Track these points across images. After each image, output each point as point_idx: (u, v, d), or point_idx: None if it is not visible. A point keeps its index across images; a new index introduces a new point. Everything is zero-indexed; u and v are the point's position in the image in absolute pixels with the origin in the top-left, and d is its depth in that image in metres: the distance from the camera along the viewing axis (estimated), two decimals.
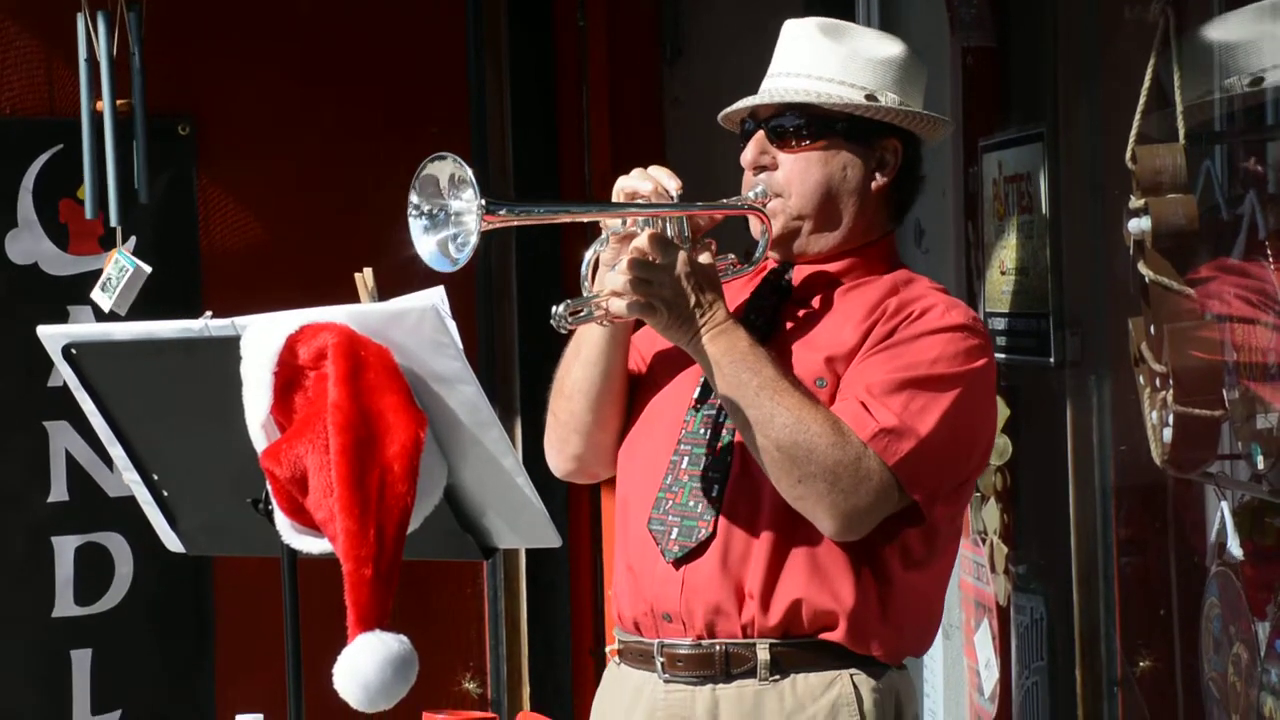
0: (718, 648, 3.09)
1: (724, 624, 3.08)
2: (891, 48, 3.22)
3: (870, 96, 3.16)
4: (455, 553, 2.92)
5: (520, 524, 2.90)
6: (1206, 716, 3.30)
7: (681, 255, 2.99)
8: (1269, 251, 3.04)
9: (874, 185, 3.20)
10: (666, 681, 3.13)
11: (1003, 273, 3.88)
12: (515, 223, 3.00)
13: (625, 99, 5.55)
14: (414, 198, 2.84)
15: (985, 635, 4.00)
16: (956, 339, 3.08)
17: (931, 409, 3.02)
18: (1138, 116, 3.28)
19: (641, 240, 2.98)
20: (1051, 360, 3.74)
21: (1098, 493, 3.69)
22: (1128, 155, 3.29)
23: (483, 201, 2.78)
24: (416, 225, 2.84)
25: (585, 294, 3.05)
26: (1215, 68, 3.25)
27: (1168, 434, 3.27)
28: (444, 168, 2.83)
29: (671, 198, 3.04)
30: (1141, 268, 3.27)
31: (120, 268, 4.81)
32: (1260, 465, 3.13)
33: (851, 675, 3.08)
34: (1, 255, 4.93)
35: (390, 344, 2.72)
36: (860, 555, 3.04)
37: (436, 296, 2.73)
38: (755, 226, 3.18)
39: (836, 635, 3.05)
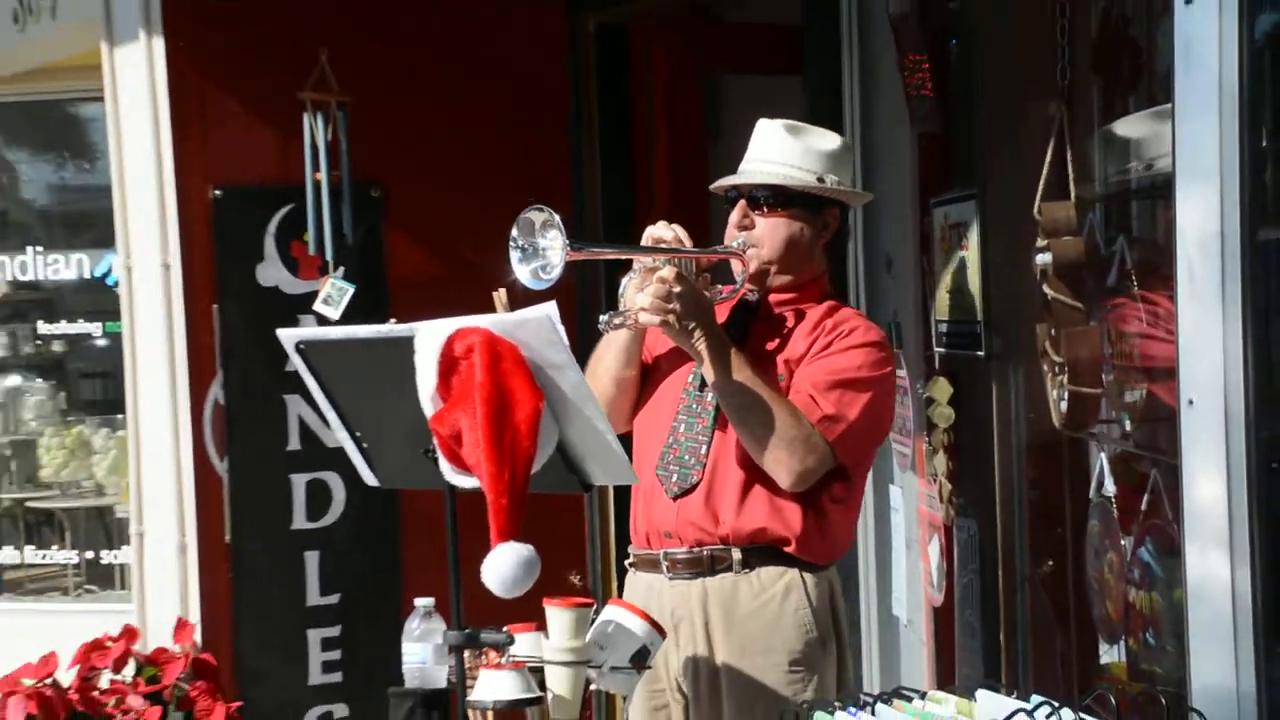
0: (704, 553, 3.16)
1: (707, 539, 3.15)
2: (833, 142, 3.25)
3: (820, 179, 3.19)
4: (564, 487, 2.93)
5: (609, 467, 2.91)
6: (1089, 604, 3.30)
7: (691, 284, 3.05)
8: (1133, 278, 3.05)
9: (820, 242, 3.25)
10: (670, 579, 3.19)
11: (948, 292, 3.86)
12: (589, 257, 3.07)
13: (682, 170, 5.50)
14: (514, 232, 2.89)
15: (935, 547, 4.00)
16: (873, 352, 3.16)
17: (856, 403, 3.10)
18: (1042, 182, 3.25)
19: (667, 273, 3.04)
20: (982, 353, 3.73)
21: (1014, 447, 3.69)
22: (1035, 209, 3.28)
23: (568, 241, 2.83)
24: (514, 255, 2.90)
25: (622, 308, 3.13)
26: (1096, 149, 3.25)
27: (1064, 405, 3.25)
28: (538, 215, 2.88)
29: (684, 244, 3.10)
30: (1046, 288, 3.24)
31: (340, 289, 4.88)
32: (1128, 428, 3.13)
33: (799, 570, 3.14)
34: (254, 280, 4.97)
35: (518, 342, 2.74)
36: (804, 497, 3.11)
37: (550, 309, 2.73)
38: (736, 267, 3.24)
39: (789, 550, 3.13)
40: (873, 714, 2.31)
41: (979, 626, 3.81)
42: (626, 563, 3.34)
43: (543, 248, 2.88)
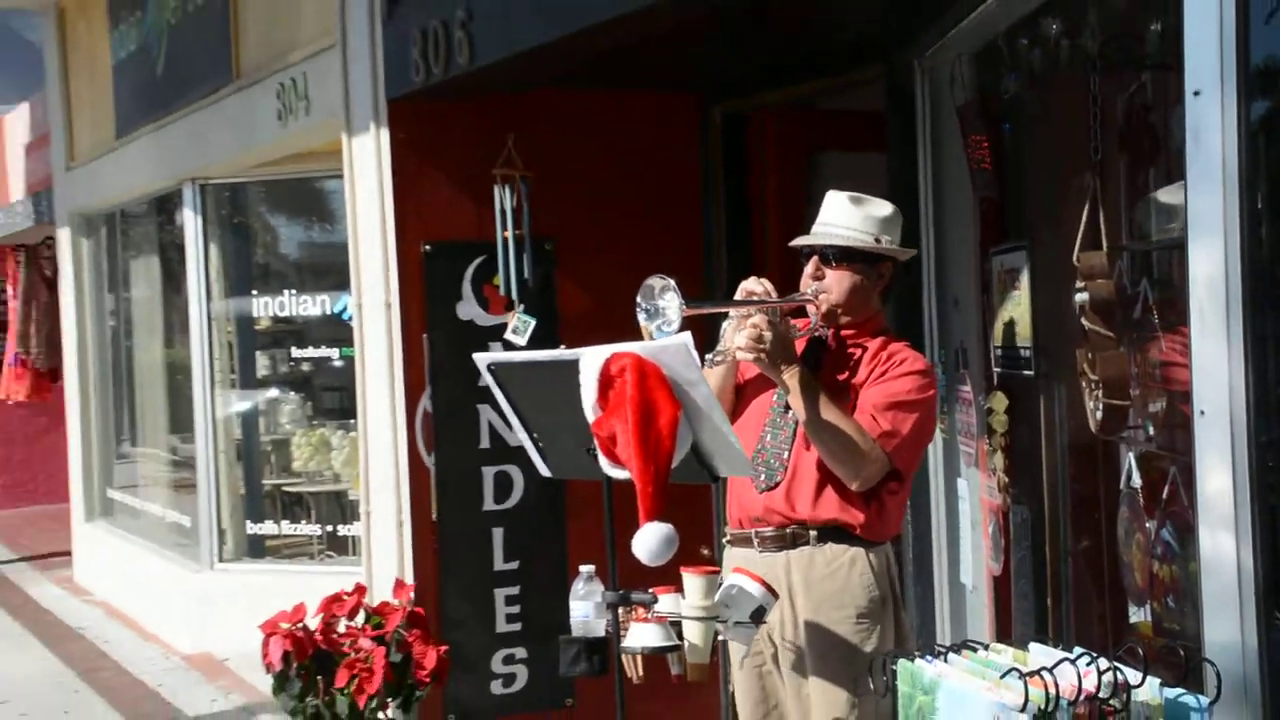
0: (787, 531, 3.15)
1: (788, 522, 3.15)
2: (887, 209, 3.24)
3: (876, 240, 3.19)
4: (697, 479, 2.93)
5: (732, 463, 2.91)
6: (1120, 574, 3.24)
7: (778, 329, 3.05)
8: (1154, 313, 3.00)
9: (877, 289, 3.24)
10: (760, 552, 3.19)
11: (1004, 323, 3.81)
12: (699, 313, 3.07)
13: (789, 232, 5.33)
14: (639, 298, 2.92)
15: (994, 528, 3.95)
16: (919, 379, 3.15)
17: (907, 421, 3.10)
18: (1079, 236, 3.22)
19: (759, 320, 3.06)
20: (1032, 373, 3.67)
21: (1058, 448, 3.63)
22: (1074, 257, 3.23)
23: (682, 302, 2.85)
24: (640, 315, 2.91)
25: (721, 346, 3.14)
26: (1123, 209, 3.21)
27: (1099, 415, 3.21)
28: (658, 282, 2.89)
29: (770, 294, 3.10)
30: (1083, 321, 3.20)
31: (525, 322, 4.94)
32: (1151, 433, 3.07)
33: (863, 546, 3.14)
34: (454, 315, 5.01)
35: (661, 363, 2.76)
36: (867, 493, 3.11)
37: (686, 337, 2.76)
38: (810, 310, 3.23)
39: (855, 532, 3.12)
40: (946, 661, 2.30)
41: (1031, 592, 3.76)
42: (724, 540, 3.34)
43: (662, 307, 2.90)
